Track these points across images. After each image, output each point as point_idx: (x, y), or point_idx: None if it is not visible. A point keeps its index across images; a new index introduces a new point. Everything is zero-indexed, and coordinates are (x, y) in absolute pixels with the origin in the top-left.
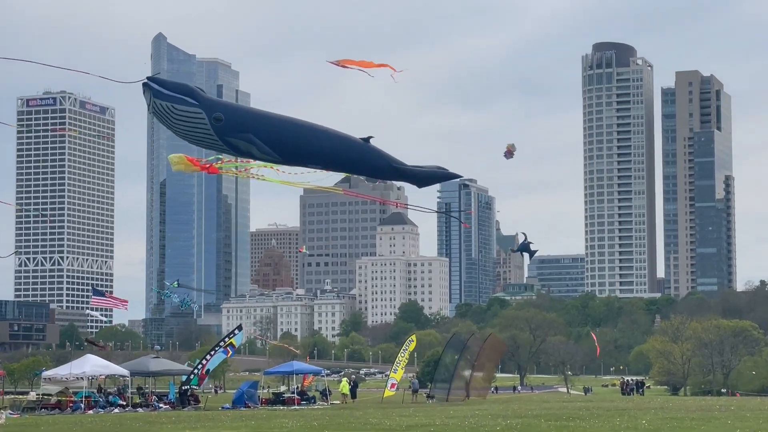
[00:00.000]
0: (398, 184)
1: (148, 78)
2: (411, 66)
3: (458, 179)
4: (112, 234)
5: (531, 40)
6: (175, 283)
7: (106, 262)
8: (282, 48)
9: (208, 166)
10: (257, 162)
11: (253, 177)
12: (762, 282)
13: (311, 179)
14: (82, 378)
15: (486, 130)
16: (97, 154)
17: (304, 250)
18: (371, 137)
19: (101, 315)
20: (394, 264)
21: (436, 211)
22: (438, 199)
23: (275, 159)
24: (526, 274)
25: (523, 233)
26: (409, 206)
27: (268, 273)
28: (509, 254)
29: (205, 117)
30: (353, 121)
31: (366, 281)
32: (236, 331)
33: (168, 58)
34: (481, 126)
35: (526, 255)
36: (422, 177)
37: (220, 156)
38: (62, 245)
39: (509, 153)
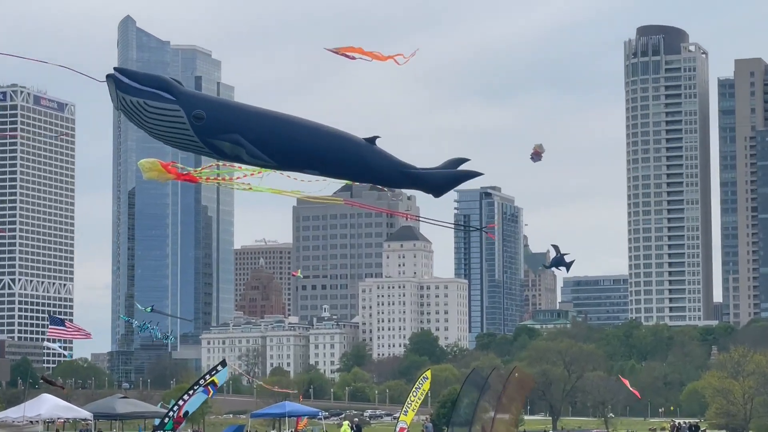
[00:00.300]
0: (408, 192)
1: (114, 69)
2: (423, 54)
3: (480, 189)
4: (72, 252)
5: (563, 24)
6: (148, 308)
7: (65, 285)
8: (271, 34)
9: (185, 173)
10: (244, 167)
11: (239, 187)
12: None
13: (306, 188)
14: (37, 422)
15: (511, 129)
16: (54, 158)
17: (298, 275)
18: (377, 137)
19: (60, 347)
20: (404, 286)
21: (453, 225)
22: (455, 211)
23: (266, 163)
24: (559, 299)
25: (554, 245)
26: (421, 218)
27: (256, 298)
28: (539, 275)
29: (183, 115)
30: (355, 119)
31: (371, 307)
32: (219, 368)
33: (137, 46)
34: (505, 124)
35: (559, 273)
36: (438, 181)
37: (202, 161)
38: (13, 266)
39: (537, 155)
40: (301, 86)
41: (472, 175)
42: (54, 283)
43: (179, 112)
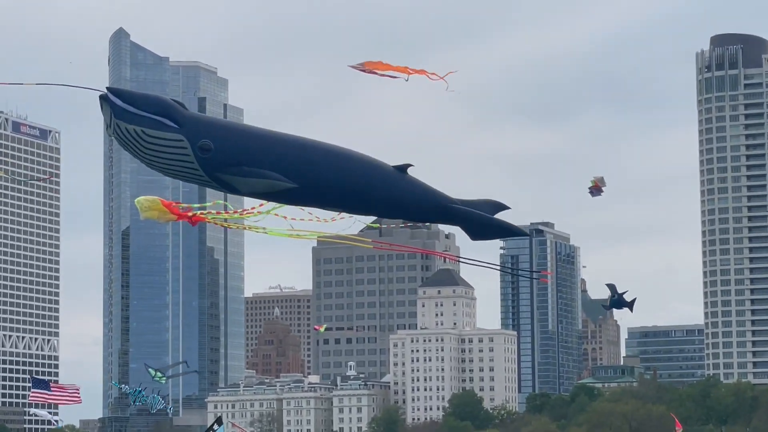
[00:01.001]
0: (446, 228)
1: (108, 89)
2: (459, 69)
3: (530, 225)
4: (56, 303)
5: (622, 33)
6: (160, 376)
7: (49, 341)
8: (285, 48)
9: (190, 214)
10: (257, 206)
11: (251, 228)
12: None
13: (328, 227)
14: None
15: (562, 155)
16: (36, 193)
17: (321, 330)
18: (409, 165)
19: (49, 413)
20: (443, 339)
21: (500, 268)
22: (501, 251)
23: (286, 188)
24: (623, 353)
25: (610, 285)
26: (461, 259)
27: (270, 354)
28: (599, 325)
29: (187, 146)
30: (382, 144)
31: (404, 364)
32: (215, 426)
33: (132, 62)
34: (556, 149)
35: (624, 323)
36: (478, 225)
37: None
38: None
39: (597, 189)
40: (319, 107)
41: (516, 233)
42: (36, 339)
43: (182, 143)
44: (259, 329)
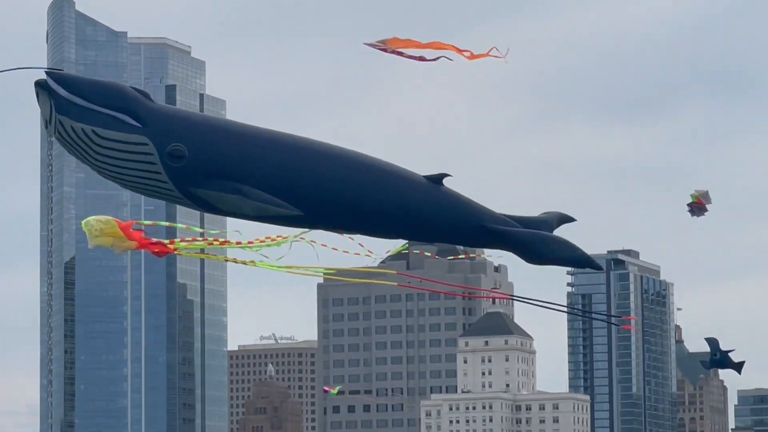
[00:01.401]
0: (495, 256)
1: (47, 73)
2: (511, 52)
3: (608, 254)
4: None
5: (725, 6)
6: None
7: None
8: (278, 24)
9: (154, 241)
10: (243, 229)
11: (238, 261)
12: None
13: (337, 259)
14: None
15: (651, 164)
16: None
17: (332, 392)
18: (445, 175)
19: None
20: (491, 407)
21: (568, 310)
22: (569, 288)
23: (285, 213)
24: (732, 423)
25: (710, 339)
26: (516, 298)
27: (262, 425)
28: (699, 387)
29: (153, 151)
30: (405, 148)
31: None
32: None
33: (78, 39)
34: (642, 156)
35: (731, 383)
36: (536, 247)
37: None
38: None
39: (699, 207)
40: (323, 100)
41: (589, 264)
42: None
43: (147, 147)
44: (247, 393)
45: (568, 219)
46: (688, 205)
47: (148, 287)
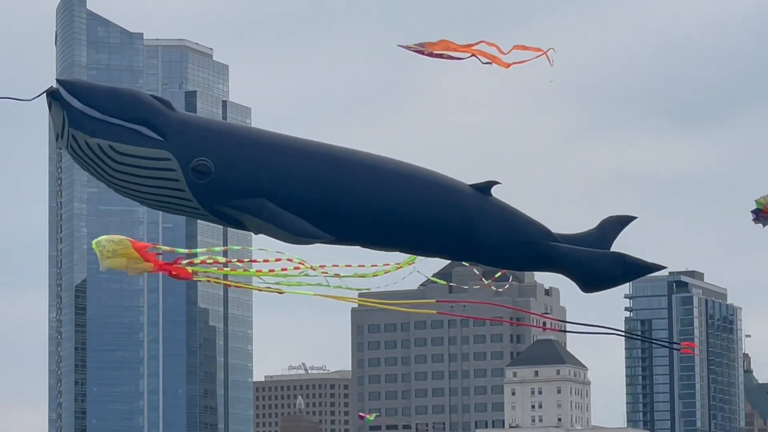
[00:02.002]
0: (547, 280)
1: (59, 82)
2: (561, 55)
3: (669, 276)
4: None
5: None
6: None
7: None
8: (306, 24)
9: (170, 263)
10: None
11: (262, 289)
12: None
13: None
14: None
15: (717, 176)
16: None
17: (369, 419)
18: (494, 183)
19: None
20: None
21: (624, 334)
22: (627, 313)
23: (315, 239)
24: None
25: None
26: (568, 329)
27: None
28: None
29: (176, 167)
30: (446, 158)
31: None
32: None
33: (90, 41)
34: (708, 167)
35: None
36: (592, 268)
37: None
38: None
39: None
40: (357, 104)
41: (650, 268)
42: None
43: (169, 163)
44: (274, 428)
45: (627, 220)
46: (752, 212)
47: (166, 313)
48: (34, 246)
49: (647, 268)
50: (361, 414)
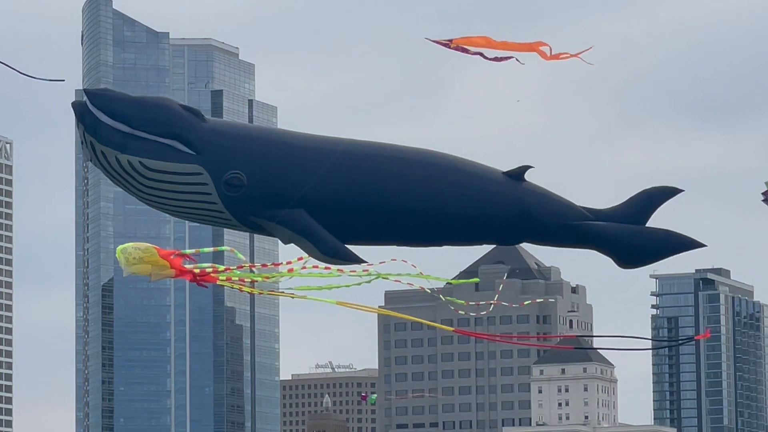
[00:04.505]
0: (572, 277)
1: (87, 93)
2: (595, 50)
3: (695, 273)
4: (8, 390)
5: None
6: None
7: None
8: (334, 21)
9: (197, 270)
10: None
11: (286, 294)
12: None
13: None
14: None
15: (744, 173)
16: None
17: (370, 399)
18: (527, 168)
19: None
20: None
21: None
22: (653, 310)
23: (353, 235)
24: None
25: None
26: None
27: None
28: None
29: (208, 181)
30: (472, 154)
31: None
32: None
33: (116, 41)
34: (735, 164)
35: None
36: (631, 243)
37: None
38: None
39: None
40: (385, 101)
41: (689, 244)
42: None
43: (201, 177)
44: (301, 427)
45: (671, 192)
46: (762, 194)
47: (193, 311)
48: (61, 245)
49: (692, 243)
50: (363, 395)
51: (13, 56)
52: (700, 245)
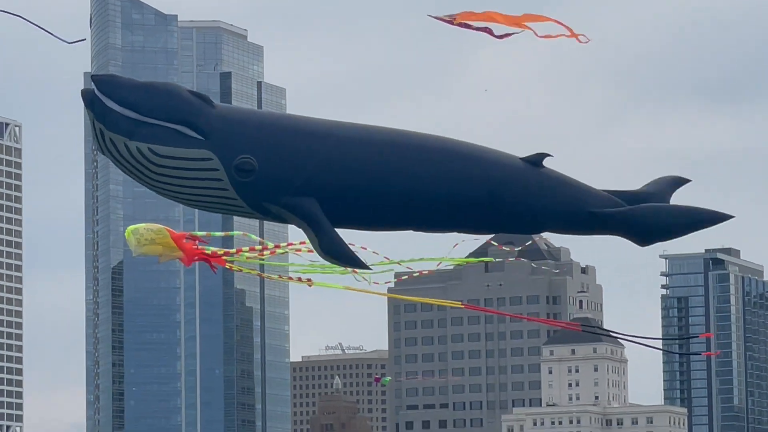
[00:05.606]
0: (582, 257)
1: (94, 80)
2: (601, 33)
3: (705, 253)
4: (19, 372)
5: None
6: None
7: (9, 428)
8: (342, 2)
9: (208, 252)
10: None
11: (293, 280)
12: None
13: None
14: None
15: (756, 153)
16: None
17: (384, 381)
18: (545, 156)
19: None
20: (579, 421)
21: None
22: (663, 290)
23: (363, 222)
24: None
25: None
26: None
27: None
28: None
29: (219, 166)
30: (480, 137)
31: None
32: None
33: (124, 23)
34: (747, 145)
35: None
36: (657, 219)
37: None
38: None
39: None
40: (393, 83)
41: (715, 218)
42: None
43: (211, 162)
44: (312, 408)
45: (682, 181)
46: None
47: (203, 294)
48: (71, 228)
49: (718, 216)
50: (376, 377)
51: (25, 37)
52: (728, 217)
